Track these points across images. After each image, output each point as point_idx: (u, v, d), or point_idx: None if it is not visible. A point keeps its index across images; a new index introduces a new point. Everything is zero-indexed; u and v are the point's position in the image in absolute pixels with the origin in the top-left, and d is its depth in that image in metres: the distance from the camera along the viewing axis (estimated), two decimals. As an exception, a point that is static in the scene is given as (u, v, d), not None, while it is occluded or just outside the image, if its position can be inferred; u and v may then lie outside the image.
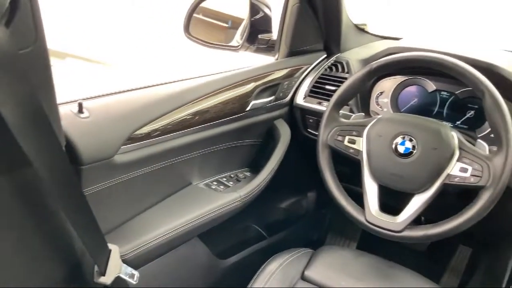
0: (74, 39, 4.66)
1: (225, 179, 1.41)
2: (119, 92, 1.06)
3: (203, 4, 1.61)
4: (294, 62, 1.55)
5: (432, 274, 1.87)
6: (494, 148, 1.06)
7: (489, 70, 1.22)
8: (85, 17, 4.93)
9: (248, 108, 1.36)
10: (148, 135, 1.09)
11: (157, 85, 1.16)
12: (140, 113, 1.05)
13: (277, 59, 1.55)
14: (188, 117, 1.19)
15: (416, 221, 1.12)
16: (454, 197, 1.23)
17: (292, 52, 1.55)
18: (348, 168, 1.21)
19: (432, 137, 1.10)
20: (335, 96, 1.23)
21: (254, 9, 1.56)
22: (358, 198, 1.19)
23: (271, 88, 1.45)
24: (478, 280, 1.62)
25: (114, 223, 1.08)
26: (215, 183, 1.37)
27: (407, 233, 1.08)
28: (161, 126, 1.12)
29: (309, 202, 1.96)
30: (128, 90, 1.08)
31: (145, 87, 1.12)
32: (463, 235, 1.07)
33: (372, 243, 1.34)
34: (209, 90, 1.23)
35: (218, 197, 1.27)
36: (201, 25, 1.70)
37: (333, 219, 2.06)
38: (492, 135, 1.11)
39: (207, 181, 1.36)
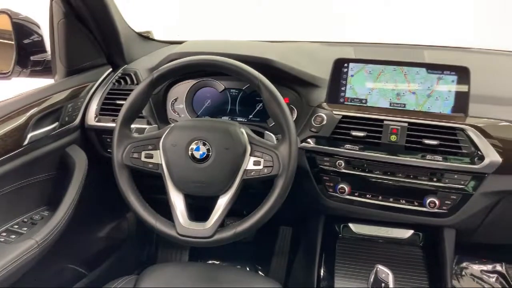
0: None
1: (16, 226, 1.21)
2: None
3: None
4: (77, 81, 1.42)
5: (262, 261, 1.97)
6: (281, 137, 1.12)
7: (264, 65, 1.29)
8: None
9: (25, 142, 1.19)
10: None
11: None
12: None
13: (56, 81, 1.40)
14: None
15: (240, 216, 1.12)
16: (265, 187, 1.28)
17: (72, 71, 1.42)
18: (157, 180, 1.16)
19: (223, 137, 1.11)
20: (121, 113, 1.15)
21: (20, 29, 1.38)
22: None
23: (53, 113, 1.30)
24: (301, 257, 1.73)
25: None
26: (3, 234, 1.17)
27: (218, 236, 1.08)
28: None
29: (130, 223, 1.86)
30: None
31: None
32: (280, 217, 1.10)
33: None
34: None
35: (8, 249, 1.09)
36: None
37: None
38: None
39: (-8, 234, 1.16)
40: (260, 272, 1.94)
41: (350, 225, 1.49)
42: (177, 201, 1.12)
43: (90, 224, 1.65)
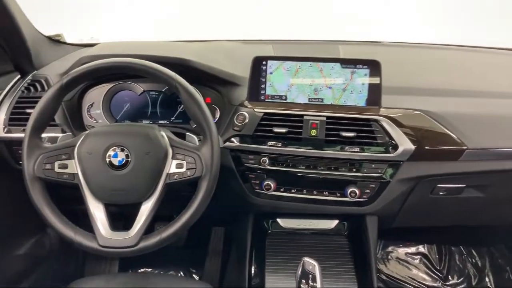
0: None
1: None
2: None
3: None
4: None
5: (197, 264, 1.95)
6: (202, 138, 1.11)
7: (181, 65, 1.27)
8: None
9: None
10: None
11: None
12: None
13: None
14: None
15: (171, 220, 1.10)
16: (193, 189, 1.26)
17: (-26, 80, 1.32)
18: (75, 191, 1.10)
19: (142, 141, 1.07)
20: (29, 122, 1.08)
21: None
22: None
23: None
24: (233, 257, 1.73)
25: None
26: None
27: (143, 244, 1.05)
28: None
29: (52, 237, 1.76)
30: None
31: None
32: (212, 218, 1.09)
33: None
34: None
35: None
36: None
37: None
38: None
39: None
40: (194, 276, 1.92)
41: (279, 220, 1.52)
42: (97, 211, 1.07)
43: (6, 242, 1.53)
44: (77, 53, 1.58)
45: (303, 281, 1.06)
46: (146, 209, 1.06)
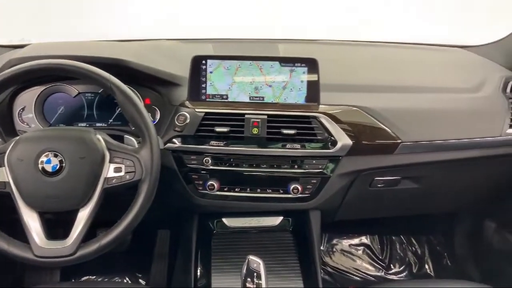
0: None
1: None
2: None
3: None
4: None
5: (143, 268, 1.91)
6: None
7: (117, 66, 1.23)
8: None
9: None
10: None
11: None
12: None
13: None
14: None
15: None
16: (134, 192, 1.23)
17: None
18: (7, 200, 1.04)
19: (77, 146, 1.04)
20: None
21: None
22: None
23: None
24: (180, 259, 1.71)
25: None
26: None
27: (81, 252, 1.01)
28: None
29: None
30: None
31: None
32: (156, 220, 1.06)
33: None
34: None
35: None
36: None
37: None
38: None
39: None
40: (140, 281, 1.88)
41: (224, 219, 1.52)
42: (31, 220, 1.02)
43: None
44: (6, 55, 1.49)
45: (249, 279, 1.06)
46: (83, 216, 1.03)
